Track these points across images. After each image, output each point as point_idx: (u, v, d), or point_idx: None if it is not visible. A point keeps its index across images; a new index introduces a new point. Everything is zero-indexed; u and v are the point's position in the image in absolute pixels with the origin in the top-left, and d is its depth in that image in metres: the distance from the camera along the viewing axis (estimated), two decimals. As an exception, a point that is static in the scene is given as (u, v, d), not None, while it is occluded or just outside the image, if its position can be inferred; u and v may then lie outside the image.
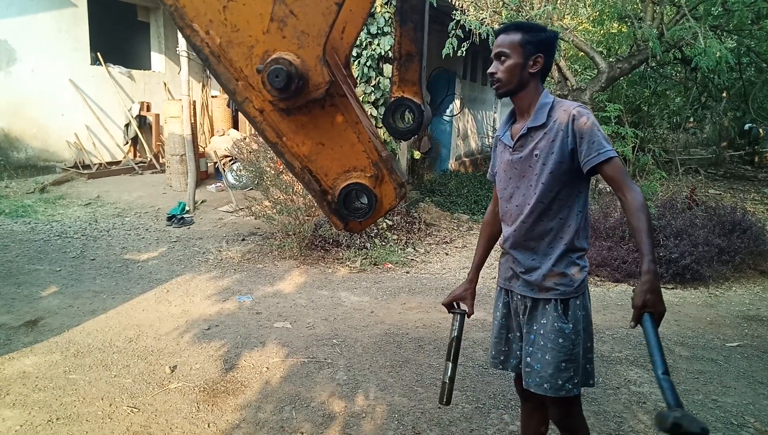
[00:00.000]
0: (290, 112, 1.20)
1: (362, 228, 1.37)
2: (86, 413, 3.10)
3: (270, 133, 1.24)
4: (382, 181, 1.28)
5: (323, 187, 1.30)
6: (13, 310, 4.50)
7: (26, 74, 9.32)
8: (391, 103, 1.38)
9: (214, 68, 1.18)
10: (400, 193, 1.32)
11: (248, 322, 4.50)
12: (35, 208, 7.78)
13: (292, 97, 1.14)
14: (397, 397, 3.41)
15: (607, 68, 8.31)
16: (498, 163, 2.29)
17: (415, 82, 1.38)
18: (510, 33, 2.07)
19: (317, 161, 1.27)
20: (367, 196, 1.27)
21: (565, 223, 2.11)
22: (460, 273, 6.24)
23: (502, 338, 2.32)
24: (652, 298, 1.85)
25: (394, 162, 1.33)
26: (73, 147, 9.99)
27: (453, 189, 10.16)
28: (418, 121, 1.35)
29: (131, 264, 5.90)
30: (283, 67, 1.09)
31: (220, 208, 8.34)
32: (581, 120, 2.00)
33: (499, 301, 2.35)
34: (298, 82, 1.11)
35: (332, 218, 1.33)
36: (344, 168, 1.28)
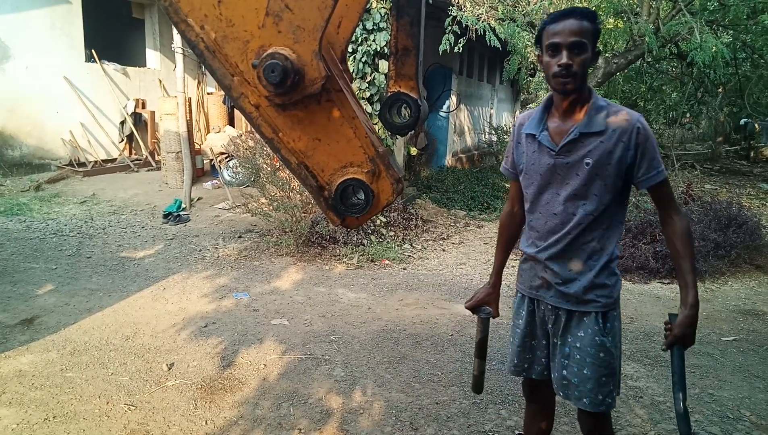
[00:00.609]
0: (286, 107, 1.19)
1: (359, 223, 1.36)
2: (83, 411, 3.10)
3: (266, 128, 1.23)
4: (379, 177, 1.27)
5: (320, 183, 1.29)
6: (9, 308, 4.48)
7: (21, 72, 9.27)
8: (387, 98, 1.36)
9: (210, 64, 1.18)
10: (397, 189, 1.31)
11: (245, 319, 4.49)
12: (30, 206, 7.74)
13: (288, 93, 1.13)
14: (394, 393, 3.41)
15: (603, 64, 8.31)
16: (525, 161, 2.07)
17: (411, 76, 1.36)
18: (582, 19, 1.84)
19: (314, 157, 1.26)
20: (364, 191, 1.26)
21: (608, 233, 1.99)
22: (457, 269, 6.25)
23: (525, 347, 2.20)
24: (691, 333, 1.84)
25: (391, 158, 1.33)
26: (68, 144, 9.95)
27: (450, 185, 10.16)
28: (414, 116, 1.34)
29: (127, 262, 5.88)
30: (278, 62, 1.08)
31: (216, 205, 8.32)
32: (645, 134, 1.86)
33: (522, 308, 2.21)
34: (294, 77, 1.10)
35: (329, 214, 1.32)
36: (341, 163, 1.27)
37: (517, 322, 2.24)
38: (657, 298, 5.55)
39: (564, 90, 1.88)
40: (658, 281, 6.05)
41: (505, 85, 17.37)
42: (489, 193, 10.12)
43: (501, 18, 7.74)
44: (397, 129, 1.37)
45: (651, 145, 1.87)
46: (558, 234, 2.00)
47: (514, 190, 2.25)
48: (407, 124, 1.35)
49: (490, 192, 10.23)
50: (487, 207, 9.49)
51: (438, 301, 5.15)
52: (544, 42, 1.89)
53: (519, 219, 2.26)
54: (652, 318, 4.92)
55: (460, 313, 4.82)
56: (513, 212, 2.29)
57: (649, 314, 5.02)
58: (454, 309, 4.94)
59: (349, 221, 1.34)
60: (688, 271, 1.86)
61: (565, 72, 1.83)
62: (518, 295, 2.24)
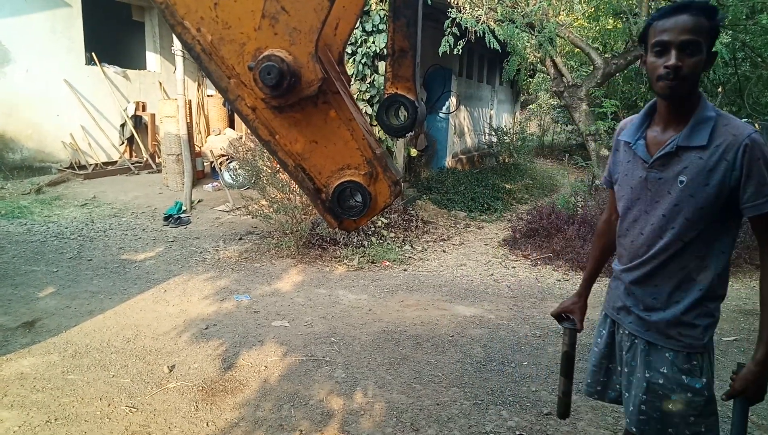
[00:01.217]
0: (283, 109, 1.18)
1: (357, 226, 1.35)
2: (85, 413, 3.10)
3: (263, 131, 1.22)
4: (376, 179, 1.26)
5: (317, 186, 1.29)
6: (10, 311, 4.49)
7: (21, 75, 9.28)
8: (384, 100, 1.35)
9: (206, 66, 1.17)
10: (395, 191, 1.30)
11: (246, 321, 4.50)
12: (31, 209, 7.75)
13: (284, 95, 1.12)
14: (395, 394, 3.41)
15: (602, 64, 8.32)
16: (620, 171, 1.89)
17: (408, 78, 1.35)
18: (698, 15, 1.60)
19: (310, 159, 1.26)
20: (361, 194, 1.25)
21: (704, 263, 1.72)
22: (458, 270, 6.25)
23: (602, 368, 2.05)
24: (755, 389, 1.68)
25: (389, 159, 1.32)
26: (69, 147, 9.96)
27: (450, 186, 10.16)
28: (411, 118, 1.32)
29: (128, 264, 5.89)
30: (274, 64, 1.07)
31: (216, 207, 8.33)
32: (755, 152, 1.60)
33: (603, 328, 2.05)
34: (290, 79, 1.09)
35: (326, 217, 1.31)
36: (338, 166, 1.26)
37: (596, 341, 2.09)
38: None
39: (669, 95, 1.66)
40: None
41: (505, 86, 17.38)
42: (489, 195, 10.13)
43: (500, 19, 7.75)
44: (394, 131, 1.36)
45: (761, 167, 1.60)
46: (643, 257, 1.81)
47: (612, 199, 2.05)
48: (404, 126, 1.34)
49: (490, 193, 10.24)
50: (488, 208, 9.50)
51: (438, 302, 5.16)
52: (650, 39, 1.67)
53: (615, 228, 2.02)
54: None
55: (461, 314, 4.83)
56: (610, 220, 2.10)
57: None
58: (454, 310, 4.95)
59: (346, 224, 1.33)
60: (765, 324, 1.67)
61: (673, 75, 1.60)
62: (602, 314, 2.08)
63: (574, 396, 3.45)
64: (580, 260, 6.32)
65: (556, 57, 8.62)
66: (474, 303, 5.17)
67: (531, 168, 13.97)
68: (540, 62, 9.38)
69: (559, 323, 2.21)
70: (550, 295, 5.49)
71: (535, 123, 20.92)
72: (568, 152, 16.39)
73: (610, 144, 8.11)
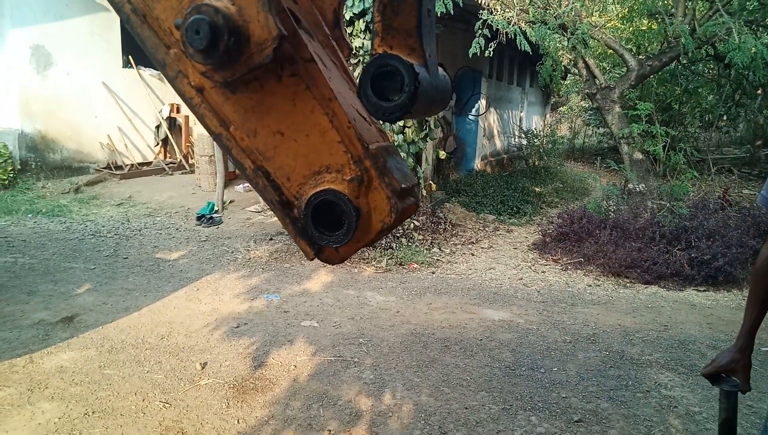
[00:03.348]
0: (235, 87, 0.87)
1: (342, 258, 0.97)
2: (120, 407, 3.19)
3: (211, 119, 0.91)
4: (368, 187, 0.90)
5: (285, 197, 0.94)
6: (51, 306, 4.65)
7: (62, 77, 9.59)
8: (368, 64, 0.86)
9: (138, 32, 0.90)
10: (398, 206, 0.91)
11: (276, 320, 4.56)
12: (70, 207, 8.01)
13: (226, 64, 0.81)
14: (423, 397, 3.42)
15: (636, 66, 8.17)
16: None
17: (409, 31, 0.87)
18: None
19: (275, 159, 0.92)
20: (344, 209, 0.89)
21: None
22: (487, 274, 6.21)
23: None
24: None
25: (392, 158, 0.95)
26: (106, 148, 10.25)
27: (479, 189, 10.10)
28: (409, 90, 0.82)
29: (162, 262, 6.03)
30: (205, 17, 0.78)
31: (248, 207, 8.46)
32: None
33: None
34: (229, 38, 0.78)
35: (299, 242, 0.95)
36: (313, 168, 0.91)
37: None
38: (692, 305, 5.42)
39: None
40: (693, 288, 5.90)
41: (535, 89, 17.19)
42: (519, 198, 10.03)
43: (532, 21, 7.68)
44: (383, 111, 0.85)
45: None
46: None
47: None
48: (398, 104, 0.84)
49: (519, 196, 10.14)
50: (517, 211, 9.41)
51: (467, 305, 5.14)
52: None
53: None
54: (687, 326, 4.81)
55: (490, 318, 4.80)
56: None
57: (683, 322, 4.91)
58: (483, 314, 4.92)
59: (327, 254, 0.95)
60: None
61: None
62: None
63: (606, 405, 3.41)
64: (612, 266, 6.21)
65: (589, 58, 8.50)
66: (503, 307, 5.13)
67: (561, 171, 13.78)
68: (572, 64, 9.26)
69: (713, 384, 1.83)
70: (580, 301, 5.42)
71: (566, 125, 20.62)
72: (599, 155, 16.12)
73: (643, 147, 7.97)
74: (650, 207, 7.25)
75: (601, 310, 5.18)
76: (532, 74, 15.90)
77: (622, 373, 3.84)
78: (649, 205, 7.32)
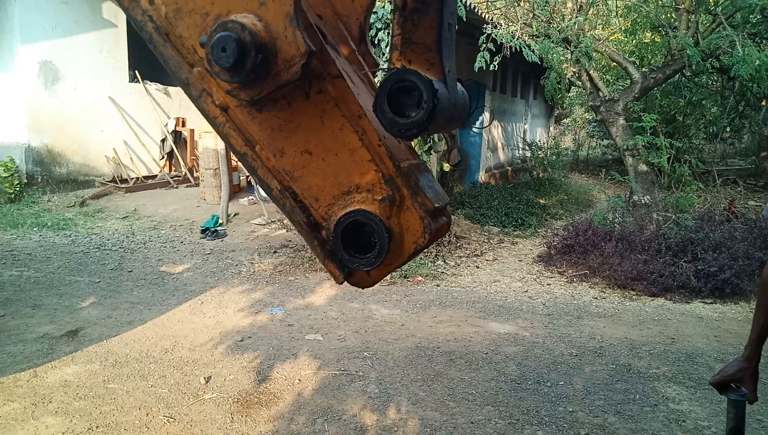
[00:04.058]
0: (262, 106, 0.85)
1: (374, 282, 0.96)
2: (124, 422, 3.18)
3: (236, 139, 0.89)
4: (401, 207, 0.89)
5: (313, 218, 0.92)
6: (55, 320, 4.65)
7: (69, 92, 9.69)
8: (386, 79, 0.83)
9: (161, 51, 0.88)
10: (431, 226, 0.89)
11: (280, 334, 4.55)
12: (75, 221, 8.04)
13: (253, 82, 0.79)
14: (429, 411, 3.39)
15: (640, 78, 8.18)
16: None
17: (429, 46, 0.85)
18: None
19: (303, 179, 0.90)
20: (376, 231, 0.87)
21: None
22: (491, 286, 6.19)
23: None
24: None
25: (423, 177, 0.94)
26: (112, 162, 10.32)
27: (483, 201, 10.10)
28: (427, 107, 0.80)
29: (167, 276, 6.03)
30: (231, 35, 0.75)
31: (252, 220, 8.47)
32: None
33: None
34: (257, 56, 0.76)
35: (328, 265, 0.93)
36: (343, 188, 0.89)
37: None
38: (699, 318, 5.37)
39: None
40: (700, 301, 5.86)
41: (539, 101, 17.25)
42: (523, 210, 10.01)
43: (535, 35, 7.72)
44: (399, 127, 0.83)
45: None
46: None
47: None
48: (415, 120, 0.81)
49: (524, 208, 10.13)
50: (522, 223, 9.39)
51: (472, 318, 5.11)
52: None
53: None
54: (694, 339, 4.77)
55: (495, 331, 4.77)
56: None
57: (691, 335, 4.86)
58: (488, 327, 4.89)
59: (358, 277, 0.95)
60: None
61: None
62: None
63: (613, 419, 3.36)
64: (618, 278, 6.17)
65: (593, 71, 8.53)
66: (508, 320, 5.10)
67: (566, 183, 13.76)
68: (576, 77, 9.29)
69: (721, 393, 1.83)
70: (586, 313, 5.38)
71: (570, 137, 20.65)
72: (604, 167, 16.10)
73: (648, 159, 7.95)
74: (656, 219, 7.23)
75: (608, 322, 5.14)
76: (536, 87, 15.97)
77: (629, 386, 3.80)
78: (655, 217, 7.29)
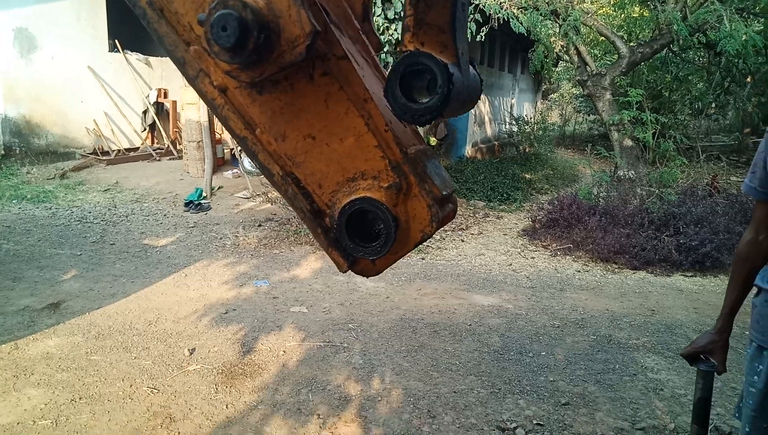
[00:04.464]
0: (262, 88, 0.82)
1: (378, 271, 0.94)
2: (108, 393, 3.17)
3: (235, 122, 0.85)
4: (407, 195, 0.86)
5: (316, 205, 0.90)
6: (36, 292, 4.60)
7: (46, 61, 9.43)
8: (398, 62, 0.79)
9: (155, 28, 0.83)
10: (438, 214, 0.87)
11: (265, 306, 4.54)
12: (56, 193, 7.90)
13: (255, 63, 0.75)
14: (412, 381, 3.42)
15: (628, 53, 8.16)
16: None
17: (442, 26, 0.81)
18: None
19: (306, 164, 0.87)
20: (382, 219, 0.85)
21: None
22: (476, 260, 6.22)
23: (765, 411, 1.75)
24: None
25: (431, 163, 0.90)
26: (92, 133, 10.12)
27: (469, 175, 10.10)
28: (442, 91, 0.77)
29: (150, 249, 5.98)
30: (232, 12, 0.71)
31: (236, 194, 8.40)
32: None
33: (759, 363, 1.77)
34: (259, 35, 0.72)
35: (332, 253, 0.92)
36: (347, 174, 0.87)
37: (751, 379, 1.79)
38: (679, 290, 5.47)
39: None
40: (680, 274, 5.95)
41: (527, 75, 17.17)
42: (509, 184, 10.04)
43: (524, 6, 7.64)
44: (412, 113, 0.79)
45: None
46: None
47: (760, 214, 1.80)
48: (429, 106, 0.78)
49: (510, 183, 10.15)
50: (507, 198, 9.42)
51: (456, 291, 5.15)
52: None
53: (765, 249, 1.80)
54: (673, 311, 4.85)
55: (479, 304, 4.82)
56: (757, 241, 1.80)
57: (670, 307, 4.95)
58: (472, 299, 4.93)
59: (362, 266, 0.93)
60: None
61: None
62: (753, 346, 1.81)
63: (593, 388, 3.43)
64: (601, 251, 6.24)
65: (581, 45, 8.48)
66: (492, 292, 5.15)
67: (552, 158, 13.80)
68: (564, 51, 9.24)
69: (691, 364, 1.89)
70: (569, 286, 5.45)
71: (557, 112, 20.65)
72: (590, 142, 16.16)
73: (633, 134, 7.98)
74: (639, 193, 7.29)
75: (590, 295, 5.21)
76: (524, 61, 15.88)
77: (609, 356, 3.88)
78: (639, 191, 7.35)
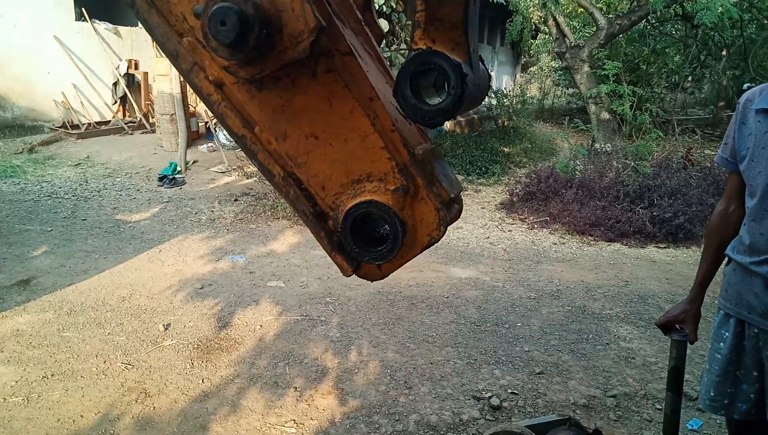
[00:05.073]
0: (262, 84, 0.77)
1: (384, 275, 0.93)
2: (81, 370, 3.12)
3: (233, 119, 0.80)
4: (414, 198, 0.83)
5: (319, 208, 0.86)
6: (5, 269, 4.48)
7: (9, 30, 9.04)
8: (408, 61, 0.75)
9: (145, 18, 0.78)
10: (446, 217, 0.85)
11: (241, 281, 4.50)
12: (24, 168, 7.67)
13: (255, 59, 0.71)
14: (389, 353, 3.44)
15: (606, 24, 8.14)
16: (753, 145, 1.64)
17: (454, 22, 0.77)
18: None
19: (309, 166, 0.83)
20: (388, 223, 0.82)
21: None
22: (454, 233, 6.24)
23: (728, 377, 1.78)
24: None
25: (438, 164, 0.87)
26: (61, 106, 9.80)
27: (448, 149, 10.07)
28: (455, 93, 0.73)
29: (123, 224, 5.86)
30: (232, 7, 0.66)
31: (212, 168, 8.25)
32: None
33: (725, 330, 1.80)
34: (261, 31, 0.68)
35: (335, 257, 0.88)
36: (352, 176, 0.83)
37: (716, 345, 1.83)
38: (653, 262, 5.57)
39: None
40: (654, 245, 6.06)
41: (506, 48, 17.07)
42: (487, 158, 10.04)
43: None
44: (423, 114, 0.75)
45: None
46: None
47: (731, 185, 1.81)
48: (441, 108, 0.74)
49: (488, 156, 10.15)
50: (485, 171, 9.43)
51: (434, 264, 5.16)
52: None
53: (736, 220, 1.80)
54: (647, 281, 4.95)
55: (456, 276, 4.84)
56: (728, 212, 1.83)
57: (644, 278, 5.04)
58: (449, 272, 4.96)
59: (367, 270, 0.91)
60: None
61: None
62: (720, 313, 1.83)
63: (566, 357, 3.49)
64: (577, 224, 6.31)
65: (559, 16, 8.43)
66: (469, 265, 5.18)
67: (530, 131, 13.82)
68: (542, 22, 9.17)
69: (665, 334, 1.95)
70: (545, 258, 5.51)
71: (536, 86, 20.62)
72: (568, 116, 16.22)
73: (611, 107, 8.01)
74: (615, 166, 7.36)
75: (565, 267, 5.28)
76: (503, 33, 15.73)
77: (583, 326, 3.94)
78: (615, 164, 7.42)
